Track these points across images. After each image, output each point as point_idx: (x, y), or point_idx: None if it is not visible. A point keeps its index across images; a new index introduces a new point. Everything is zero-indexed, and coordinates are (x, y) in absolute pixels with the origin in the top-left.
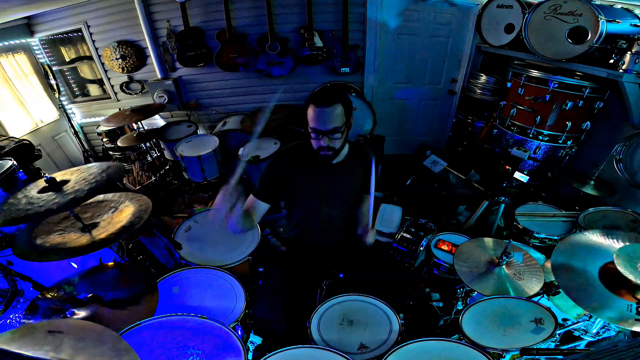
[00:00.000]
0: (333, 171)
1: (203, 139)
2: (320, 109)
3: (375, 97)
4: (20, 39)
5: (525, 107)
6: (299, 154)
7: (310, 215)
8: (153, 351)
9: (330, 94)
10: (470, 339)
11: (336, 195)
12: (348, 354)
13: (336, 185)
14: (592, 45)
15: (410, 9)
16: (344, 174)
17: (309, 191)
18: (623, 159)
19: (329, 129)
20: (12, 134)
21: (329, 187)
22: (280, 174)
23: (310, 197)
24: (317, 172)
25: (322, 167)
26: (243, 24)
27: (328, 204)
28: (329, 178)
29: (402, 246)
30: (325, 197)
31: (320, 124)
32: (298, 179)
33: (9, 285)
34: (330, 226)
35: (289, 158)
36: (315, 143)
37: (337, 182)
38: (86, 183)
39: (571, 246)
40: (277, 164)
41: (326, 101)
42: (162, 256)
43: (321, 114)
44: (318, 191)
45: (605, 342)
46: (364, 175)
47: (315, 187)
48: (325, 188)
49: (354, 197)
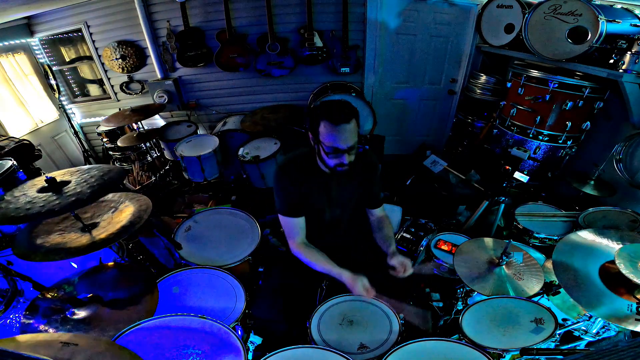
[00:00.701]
0: (338, 179)
1: (203, 139)
2: (339, 127)
3: (375, 97)
4: (20, 39)
5: (525, 107)
6: (304, 165)
7: (314, 219)
8: (153, 351)
9: (345, 108)
10: (470, 339)
11: (340, 201)
12: (348, 354)
13: (340, 193)
14: (592, 45)
15: (410, 9)
16: (349, 181)
17: (313, 199)
18: (623, 159)
19: (351, 146)
20: (12, 134)
21: (333, 194)
22: (294, 188)
23: (314, 204)
24: (321, 181)
25: (326, 175)
26: (243, 24)
27: (331, 209)
28: (333, 185)
29: (402, 246)
30: (329, 203)
31: (341, 143)
32: (304, 188)
33: (9, 285)
34: (333, 228)
35: (295, 170)
36: (334, 161)
37: (342, 189)
38: (87, 185)
39: (571, 245)
40: (287, 178)
41: (344, 118)
42: (162, 256)
43: (342, 131)
44: (322, 198)
45: (605, 342)
46: (368, 181)
47: (319, 195)
48: (329, 195)
49: (357, 201)
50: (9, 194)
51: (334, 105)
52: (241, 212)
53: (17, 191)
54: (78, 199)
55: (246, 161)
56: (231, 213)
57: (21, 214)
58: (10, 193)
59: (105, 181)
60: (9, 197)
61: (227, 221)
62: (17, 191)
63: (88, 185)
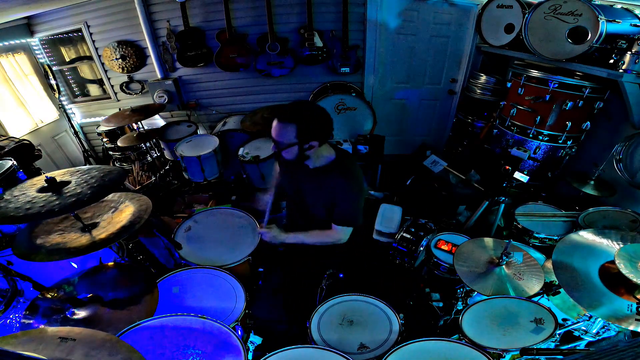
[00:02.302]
0: (310, 175)
1: (203, 139)
2: (274, 125)
3: (375, 97)
4: (20, 39)
5: (525, 107)
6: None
7: (293, 209)
8: (153, 351)
9: (286, 109)
10: (470, 339)
11: (309, 196)
12: (348, 354)
13: (308, 187)
14: (592, 45)
15: (410, 9)
16: (314, 181)
17: (289, 188)
18: (623, 159)
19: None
20: (12, 134)
21: (304, 188)
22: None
23: (291, 194)
24: (297, 172)
25: (303, 168)
26: (243, 24)
27: (305, 201)
28: (305, 179)
29: (402, 246)
30: (302, 195)
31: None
32: (284, 176)
33: (9, 285)
34: (309, 221)
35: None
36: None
37: (308, 185)
38: (88, 186)
39: (571, 245)
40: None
41: (281, 116)
42: (162, 256)
43: (274, 131)
44: (296, 189)
45: (605, 342)
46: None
47: (292, 184)
48: (301, 187)
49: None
50: (8, 193)
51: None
52: (241, 212)
53: (17, 190)
54: (78, 199)
55: (246, 161)
56: (231, 213)
57: (20, 214)
58: (9, 192)
59: (106, 182)
60: (9, 196)
61: (227, 221)
62: (17, 190)
63: (88, 186)
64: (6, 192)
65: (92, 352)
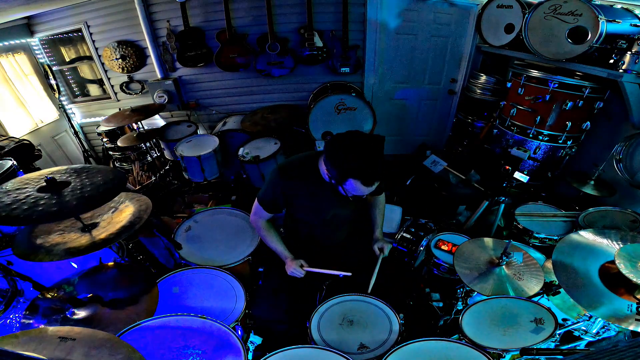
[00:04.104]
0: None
1: (203, 139)
2: (366, 188)
3: (375, 97)
4: (20, 39)
5: (525, 107)
6: (304, 170)
7: (310, 219)
8: (153, 351)
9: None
10: (470, 339)
11: (337, 205)
12: (348, 354)
13: (342, 204)
14: (592, 45)
15: (410, 9)
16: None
17: (314, 209)
18: (623, 159)
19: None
20: (12, 134)
21: (334, 206)
22: (282, 192)
23: (309, 206)
24: (322, 191)
25: (325, 183)
26: (243, 24)
27: (327, 211)
28: (334, 198)
29: (402, 246)
30: (326, 206)
31: (367, 193)
32: (303, 198)
33: (9, 285)
34: (329, 228)
35: (295, 177)
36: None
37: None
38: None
39: (571, 245)
40: (281, 183)
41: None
42: (162, 256)
43: (371, 187)
44: (320, 203)
45: (605, 342)
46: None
47: (320, 205)
48: (330, 206)
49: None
50: (2, 192)
51: (366, 162)
52: (241, 212)
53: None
54: (79, 202)
55: (246, 161)
56: (231, 213)
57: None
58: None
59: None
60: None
61: (227, 221)
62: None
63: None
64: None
65: (92, 352)
